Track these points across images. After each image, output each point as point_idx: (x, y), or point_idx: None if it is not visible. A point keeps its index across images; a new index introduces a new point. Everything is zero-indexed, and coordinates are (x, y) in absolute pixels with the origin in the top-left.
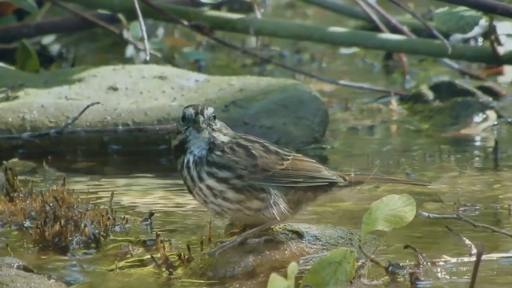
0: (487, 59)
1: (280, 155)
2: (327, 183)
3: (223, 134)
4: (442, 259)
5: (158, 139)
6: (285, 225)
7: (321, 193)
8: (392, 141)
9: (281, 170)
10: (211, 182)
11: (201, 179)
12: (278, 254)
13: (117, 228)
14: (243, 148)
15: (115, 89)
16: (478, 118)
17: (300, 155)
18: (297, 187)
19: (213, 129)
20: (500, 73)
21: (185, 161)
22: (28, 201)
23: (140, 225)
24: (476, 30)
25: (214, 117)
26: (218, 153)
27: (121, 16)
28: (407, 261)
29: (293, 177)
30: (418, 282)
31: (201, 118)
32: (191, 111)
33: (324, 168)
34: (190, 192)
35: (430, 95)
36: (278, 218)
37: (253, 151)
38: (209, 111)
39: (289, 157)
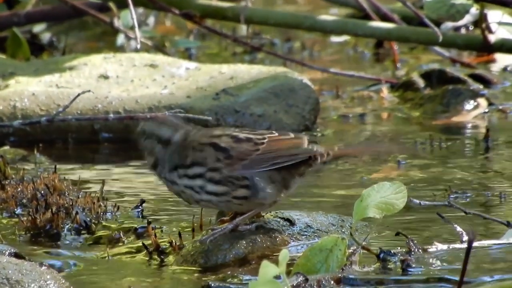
0: (478, 47)
1: (253, 141)
2: (310, 157)
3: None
4: (434, 246)
5: None
6: (276, 212)
7: (305, 168)
8: (383, 129)
9: (257, 155)
10: (186, 181)
11: (174, 183)
12: (269, 241)
13: (108, 216)
14: (210, 145)
15: (106, 77)
16: (469, 105)
17: (276, 134)
18: (279, 167)
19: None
20: (491, 61)
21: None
22: (19, 189)
23: (131, 213)
24: (467, 18)
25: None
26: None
27: (111, 4)
28: (399, 248)
29: (271, 159)
30: (409, 269)
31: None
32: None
33: (305, 140)
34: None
35: (421, 82)
36: (267, 202)
37: (222, 145)
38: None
39: (264, 140)
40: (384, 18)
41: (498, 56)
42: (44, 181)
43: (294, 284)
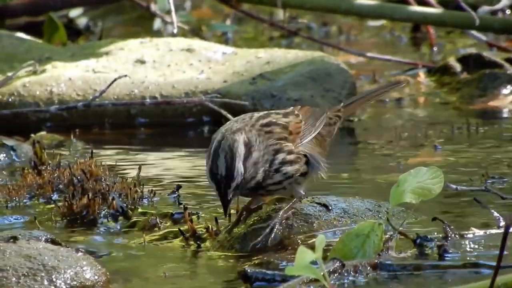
0: None
1: (293, 113)
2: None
3: (253, 180)
4: (470, 231)
5: (185, 111)
6: (313, 198)
7: (332, 129)
8: (419, 114)
9: (304, 126)
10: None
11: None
12: (306, 226)
13: (144, 201)
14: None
15: (142, 62)
16: (506, 90)
17: (292, 109)
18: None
19: (243, 187)
20: None
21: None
22: (56, 174)
23: (167, 198)
24: (504, 2)
25: (240, 182)
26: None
27: None
28: (435, 233)
29: (311, 127)
30: (446, 255)
31: (225, 198)
32: (214, 186)
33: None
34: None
35: (457, 67)
36: (324, 175)
37: (279, 122)
38: (232, 186)
39: (297, 111)
40: (421, 2)
41: None
42: (80, 166)
43: (331, 270)
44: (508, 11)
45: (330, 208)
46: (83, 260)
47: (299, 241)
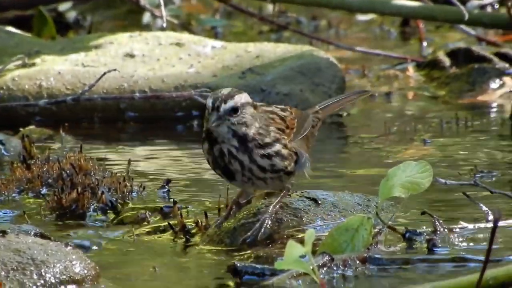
0: (503, 26)
1: (288, 110)
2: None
3: (245, 127)
4: (459, 226)
5: (175, 105)
6: (302, 192)
7: (314, 130)
8: (409, 108)
9: (297, 122)
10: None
11: (254, 161)
12: (295, 221)
13: (134, 195)
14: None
15: (132, 56)
16: (494, 84)
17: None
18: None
19: (232, 123)
20: None
21: (225, 150)
22: (45, 168)
23: (157, 192)
24: None
25: (236, 110)
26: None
27: None
28: (424, 227)
29: (301, 125)
30: (435, 249)
31: (213, 116)
32: (209, 103)
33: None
34: (230, 175)
35: (446, 61)
36: (308, 174)
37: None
38: (228, 105)
39: (288, 108)
40: None
41: None
42: (69, 160)
43: (320, 264)
44: (497, 6)
45: (319, 202)
46: (73, 254)
47: (288, 235)
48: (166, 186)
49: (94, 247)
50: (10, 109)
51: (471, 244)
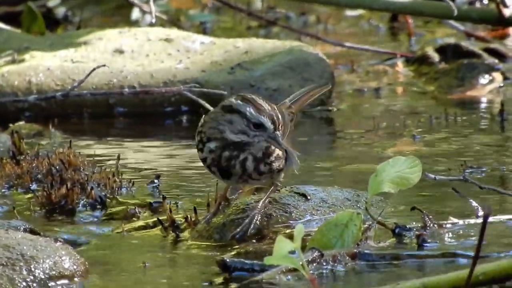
0: (492, 21)
1: (277, 106)
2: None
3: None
4: (449, 221)
5: (164, 101)
6: (291, 188)
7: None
8: (398, 103)
9: (287, 119)
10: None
11: (256, 168)
12: (284, 216)
13: (123, 191)
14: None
15: (121, 51)
16: (484, 80)
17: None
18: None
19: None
20: (506, 34)
21: (241, 157)
22: (34, 164)
23: (146, 188)
24: None
25: None
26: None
27: None
28: (414, 223)
29: (290, 122)
30: (424, 244)
31: (278, 135)
32: (270, 125)
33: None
34: (227, 175)
35: (435, 57)
36: (297, 169)
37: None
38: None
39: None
40: None
41: None
42: (59, 156)
43: (310, 259)
44: (485, 1)
45: (308, 197)
46: (62, 250)
47: (277, 230)
48: (155, 181)
49: (84, 243)
50: None
51: (461, 239)
